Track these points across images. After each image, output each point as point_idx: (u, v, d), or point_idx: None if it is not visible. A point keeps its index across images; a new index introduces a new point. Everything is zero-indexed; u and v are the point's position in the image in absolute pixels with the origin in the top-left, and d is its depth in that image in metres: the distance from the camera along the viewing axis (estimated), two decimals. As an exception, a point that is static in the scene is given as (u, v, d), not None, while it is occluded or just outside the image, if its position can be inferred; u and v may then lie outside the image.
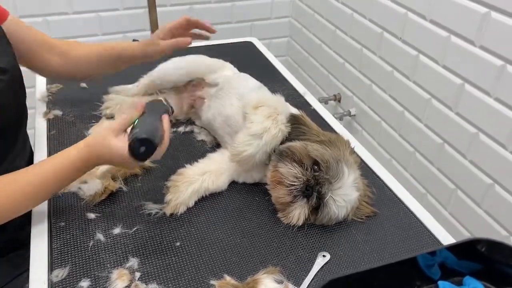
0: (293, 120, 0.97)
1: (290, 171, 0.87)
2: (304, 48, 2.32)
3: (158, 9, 1.60)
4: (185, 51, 1.15)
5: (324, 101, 2.06)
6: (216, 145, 1.12)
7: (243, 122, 0.96)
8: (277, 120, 0.93)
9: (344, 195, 0.87)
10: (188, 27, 1.11)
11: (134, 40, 1.67)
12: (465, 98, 1.36)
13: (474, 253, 0.71)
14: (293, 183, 0.87)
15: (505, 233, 1.31)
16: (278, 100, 0.99)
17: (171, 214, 0.91)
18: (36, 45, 1.05)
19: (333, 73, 2.09)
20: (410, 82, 1.58)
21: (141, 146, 0.78)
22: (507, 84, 1.22)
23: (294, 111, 1.02)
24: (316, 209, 0.88)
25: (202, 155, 1.04)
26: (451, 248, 0.72)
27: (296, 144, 0.91)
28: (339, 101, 2.05)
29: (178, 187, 0.93)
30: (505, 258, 0.70)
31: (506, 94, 1.23)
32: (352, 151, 0.96)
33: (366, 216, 0.94)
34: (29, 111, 1.26)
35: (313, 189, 0.86)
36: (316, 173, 0.86)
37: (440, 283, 0.72)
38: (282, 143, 0.94)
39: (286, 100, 1.12)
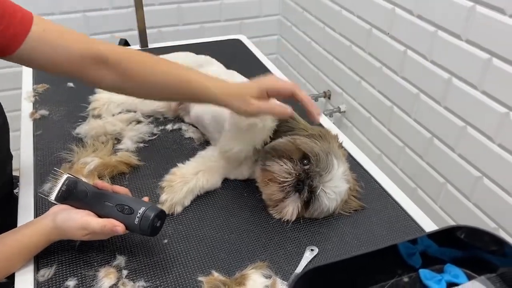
0: None
1: (281, 168, 0.87)
2: (294, 46, 2.32)
3: (145, 8, 1.59)
4: (172, 48, 1.14)
5: (314, 98, 2.06)
6: (205, 142, 1.12)
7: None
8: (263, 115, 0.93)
9: (335, 187, 0.87)
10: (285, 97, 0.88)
11: (121, 40, 1.66)
12: (453, 92, 1.37)
13: (455, 240, 0.72)
14: (286, 179, 0.86)
15: (494, 225, 1.32)
16: None
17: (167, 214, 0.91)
18: (80, 61, 0.81)
19: (323, 70, 2.09)
20: (399, 78, 1.58)
21: (158, 221, 0.78)
22: (494, 77, 1.23)
23: None
24: (307, 202, 0.88)
25: (190, 152, 1.04)
26: (432, 235, 0.72)
27: (281, 141, 0.91)
28: (329, 97, 2.06)
29: (173, 187, 0.92)
30: (485, 244, 0.71)
31: (492, 87, 1.24)
32: (340, 145, 0.96)
33: (354, 210, 0.94)
34: (15, 113, 1.24)
35: (304, 183, 0.86)
36: (306, 167, 0.86)
37: (420, 271, 0.73)
38: (271, 138, 0.94)
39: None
